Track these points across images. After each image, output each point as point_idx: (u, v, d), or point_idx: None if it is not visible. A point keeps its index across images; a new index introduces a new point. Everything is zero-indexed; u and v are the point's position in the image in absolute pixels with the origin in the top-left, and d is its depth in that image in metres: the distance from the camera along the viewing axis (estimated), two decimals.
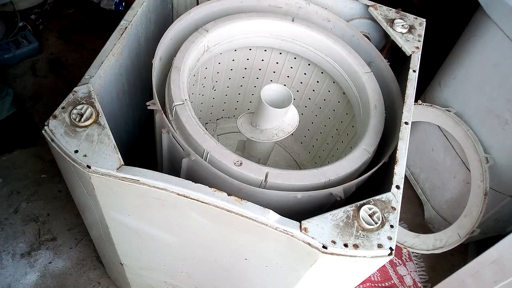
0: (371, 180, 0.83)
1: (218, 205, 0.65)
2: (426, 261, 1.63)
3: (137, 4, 0.94)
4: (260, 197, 0.74)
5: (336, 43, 1.01)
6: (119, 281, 1.31)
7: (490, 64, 1.33)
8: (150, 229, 0.81)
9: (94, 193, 0.72)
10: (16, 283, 1.36)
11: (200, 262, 0.88)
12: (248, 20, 1.00)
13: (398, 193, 0.72)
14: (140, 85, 1.06)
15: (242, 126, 0.97)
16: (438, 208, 1.65)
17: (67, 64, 1.04)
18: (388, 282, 1.55)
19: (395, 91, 0.96)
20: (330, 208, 0.72)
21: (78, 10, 2.14)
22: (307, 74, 1.20)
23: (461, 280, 1.28)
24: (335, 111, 1.18)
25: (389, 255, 0.64)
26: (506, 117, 1.31)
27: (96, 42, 1.98)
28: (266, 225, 0.64)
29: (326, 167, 0.78)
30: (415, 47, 0.99)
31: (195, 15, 1.01)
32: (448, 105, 1.52)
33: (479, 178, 1.38)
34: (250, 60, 1.20)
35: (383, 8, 1.06)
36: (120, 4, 2.12)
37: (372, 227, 0.66)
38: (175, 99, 0.81)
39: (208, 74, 1.19)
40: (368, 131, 0.87)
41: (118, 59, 0.87)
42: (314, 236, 0.63)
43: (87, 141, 0.68)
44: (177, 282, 1.07)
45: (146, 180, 0.66)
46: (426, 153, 1.67)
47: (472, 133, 1.42)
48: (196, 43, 0.92)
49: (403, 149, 0.78)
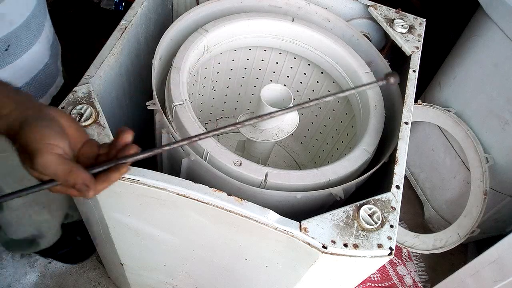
0: (371, 180, 0.83)
1: (218, 205, 0.65)
2: (426, 261, 1.63)
3: (137, 4, 0.94)
4: (260, 197, 0.74)
5: (336, 43, 1.01)
6: (119, 281, 1.31)
7: (490, 64, 1.33)
8: (150, 229, 0.81)
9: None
10: (16, 283, 1.36)
11: (200, 262, 0.88)
12: (248, 20, 1.00)
13: (398, 193, 0.72)
14: (140, 85, 1.06)
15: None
16: (438, 208, 1.65)
17: (67, 64, 1.04)
18: (388, 282, 1.55)
19: (395, 91, 0.96)
20: (330, 208, 0.72)
21: (78, 10, 2.15)
22: (307, 74, 1.20)
23: (461, 280, 1.28)
24: (335, 111, 1.18)
25: (389, 255, 0.65)
26: (506, 117, 1.31)
27: (96, 42, 1.98)
28: (266, 225, 0.64)
29: (326, 167, 0.78)
30: (415, 47, 0.99)
31: (195, 15, 1.01)
32: (448, 105, 1.52)
33: (479, 178, 1.38)
34: (250, 60, 1.20)
35: (383, 8, 1.07)
36: (120, 4, 2.12)
37: (372, 227, 0.66)
38: (175, 99, 0.81)
39: (208, 74, 1.19)
40: (368, 131, 0.87)
41: (118, 59, 0.87)
42: (314, 236, 0.63)
43: None
44: (177, 282, 1.07)
45: (146, 180, 0.66)
46: (426, 153, 1.67)
47: (472, 133, 1.42)
48: (196, 43, 0.93)
49: (403, 149, 0.78)
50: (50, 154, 0.45)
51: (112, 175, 0.51)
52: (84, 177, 0.47)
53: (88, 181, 0.48)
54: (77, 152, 0.52)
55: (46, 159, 0.45)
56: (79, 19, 2.11)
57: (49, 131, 0.47)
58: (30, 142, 0.45)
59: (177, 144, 0.52)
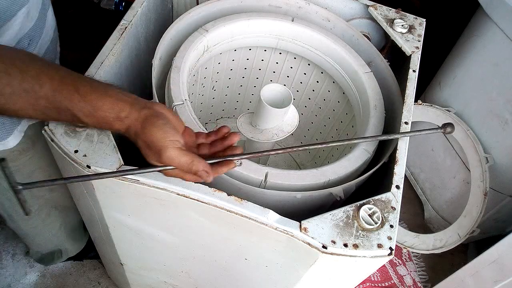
0: (371, 180, 0.83)
1: (218, 205, 0.65)
2: (426, 261, 1.63)
3: (137, 4, 0.94)
4: (260, 197, 0.74)
5: (336, 43, 1.01)
6: (119, 281, 1.31)
7: (490, 64, 1.34)
8: (150, 229, 0.81)
9: (94, 193, 0.72)
10: (16, 283, 1.36)
11: (200, 262, 0.88)
12: (248, 20, 1.00)
13: (398, 193, 0.72)
14: (140, 85, 1.06)
15: (242, 126, 0.97)
16: (438, 208, 1.65)
17: (67, 64, 1.04)
18: (388, 282, 1.55)
19: (395, 91, 0.96)
20: (330, 208, 0.72)
21: (78, 10, 2.14)
22: (307, 74, 1.20)
23: (461, 280, 1.28)
24: (335, 111, 1.18)
25: (389, 255, 0.65)
26: (506, 117, 1.31)
27: (96, 42, 1.98)
28: (266, 225, 0.64)
29: (326, 167, 0.78)
30: (415, 47, 0.99)
31: (195, 15, 1.01)
32: (448, 105, 1.52)
33: (479, 178, 1.38)
34: (250, 60, 1.20)
35: (383, 8, 1.07)
36: (120, 4, 2.12)
37: (372, 227, 0.66)
38: (175, 99, 0.81)
39: (208, 74, 1.19)
40: (368, 131, 0.87)
41: (118, 59, 0.87)
42: (314, 236, 0.63)
43: (87, 141, 0.68)
44: (177, 282, 1.07)
45: (146, 180, 0.66)
46: (426, 153, 1.67)
47: (472, 133, 1.42)
48: (196, 43, 0.93)
49: (403, 149, 0.78)
50: (173, 149, 0.55)
51: (223, 168, 0.61)
52: (204, 165, 0.57)
53: (208, 168, 0.58)
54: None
55: (171, 154, 0.55)
56: (79, 19, 2.11)
57: (168, 129, 0.56)
58: (156, 140, 0.55)
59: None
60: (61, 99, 0.55)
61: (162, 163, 0.57)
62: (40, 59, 0.59)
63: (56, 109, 0.56)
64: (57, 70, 0.57)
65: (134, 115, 0.57)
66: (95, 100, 0.56)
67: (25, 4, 0.71)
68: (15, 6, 0.68)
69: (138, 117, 0.57)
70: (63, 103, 0.56)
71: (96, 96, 0.56)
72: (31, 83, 0.54)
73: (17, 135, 0.83)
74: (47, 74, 0.55)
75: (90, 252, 1.40)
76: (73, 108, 0.56)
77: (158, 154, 0.56)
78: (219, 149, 0.64)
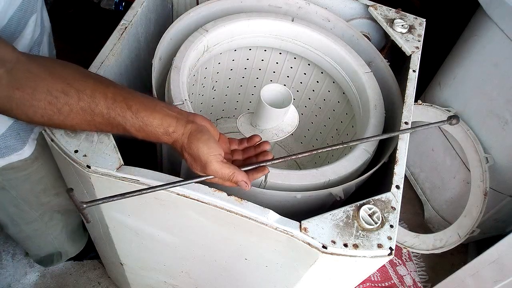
0: (371, 180, 0.83)
1: (218, 205, 0.65)
2: (426, 261, 1.63)
3: (137, 4, 0.94)
4: (260, 197, 0.74)
5: (336, 43, 1.01)
6: (119, 281, 1.31)
7: (490, 64, 1.34)
8: (150, 229, 0.81)
9: (94, 193, 0.72)
10: (16, 283, 1.36)
11: (200, 262, 0.88)
12: (248, 20, 1.00)
13: (398, 193, 0.72)
14: (140, 85, 1.06)
15: (242, 126, 0.97)
16: (438, 208, 1.65)
17: None
18: (388, 282, 1.55)
19: (395, 91, 0.96)
20: (330, 208, 0.72)
21: (78, 10, 2.15)
22: (307, 74, 1.20)
23: (461, 280, 1.29)
24: (335, 111, 1.18)
25: (389, 255, 0.64)
26: (506, 117, 1.31)
27: (96, 42, 1.98)
28: (266, 225, 0.64)
29: (326, 167, 0.78)
30: (415, 47, 0.99)
31: (195, 15, 1.01)
32: (448, 105, 1.52)
33: (479, 178, 1.38)
34: (250, 60, 1.20)
35: (383, 8, 1.07)
36: (120, 4, 2.12)
37: (372, 227, 0.66)
38: (175, 99, 0.81)
39: (208, 74, 1.19)
40: (367, 131, 0.87)
41: (118, 59, 0.87)
42: (314, 236, 0.63)
43: (87, 141, 0.68)
44: (177, 282, 1.07)
45: (146, 180, 0.66)
46: (426, 153, 1.67)
47: (472, 133, 1.42)
48: (196, 43, 0.92)
49: (403, 149, 0.78)
50: (217, 163, 0.61)
51: (258, 173, 0.68)
52: (243, 176, 0.63)
53: (246, 178, 0.64)
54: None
55: (215, 167, 0.61)
56: (79, 19, 2.11)
57: (212, 144, 0.61)
58: (202, 155, 0.61)
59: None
60: (115, 116, 0.60)
61: (207, 174, 0.63)
62: (90, 75, 0.62)
63: (110, 124, 0.61)
64: (108, 86, 0.60)
65: (180, 130, 0.62)
66: (146, 117, 0.60)
67: (35, 12, 0.72)
68: (27, 15, 0.70)
69: (184, 132, 0.62)
70: (116, 119, 0.60)
71: (147, 113, 0.60)
72: (88, 102, 0.58)
73: (31, 144, 0.84)
74: (100, 91, 0.59)
75: (90, 252, 1.40)
76: (126, 124, 0.60)
77: (203, 166, 0.62)
78: (252, 155, 0.71)
